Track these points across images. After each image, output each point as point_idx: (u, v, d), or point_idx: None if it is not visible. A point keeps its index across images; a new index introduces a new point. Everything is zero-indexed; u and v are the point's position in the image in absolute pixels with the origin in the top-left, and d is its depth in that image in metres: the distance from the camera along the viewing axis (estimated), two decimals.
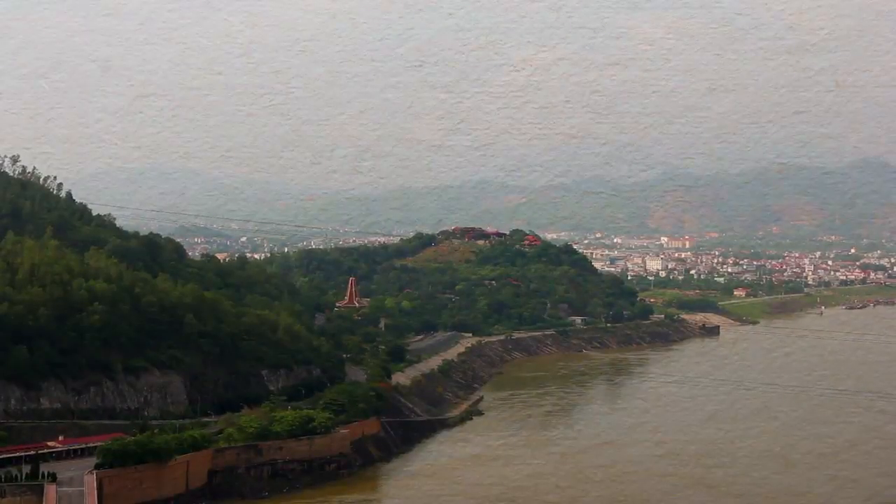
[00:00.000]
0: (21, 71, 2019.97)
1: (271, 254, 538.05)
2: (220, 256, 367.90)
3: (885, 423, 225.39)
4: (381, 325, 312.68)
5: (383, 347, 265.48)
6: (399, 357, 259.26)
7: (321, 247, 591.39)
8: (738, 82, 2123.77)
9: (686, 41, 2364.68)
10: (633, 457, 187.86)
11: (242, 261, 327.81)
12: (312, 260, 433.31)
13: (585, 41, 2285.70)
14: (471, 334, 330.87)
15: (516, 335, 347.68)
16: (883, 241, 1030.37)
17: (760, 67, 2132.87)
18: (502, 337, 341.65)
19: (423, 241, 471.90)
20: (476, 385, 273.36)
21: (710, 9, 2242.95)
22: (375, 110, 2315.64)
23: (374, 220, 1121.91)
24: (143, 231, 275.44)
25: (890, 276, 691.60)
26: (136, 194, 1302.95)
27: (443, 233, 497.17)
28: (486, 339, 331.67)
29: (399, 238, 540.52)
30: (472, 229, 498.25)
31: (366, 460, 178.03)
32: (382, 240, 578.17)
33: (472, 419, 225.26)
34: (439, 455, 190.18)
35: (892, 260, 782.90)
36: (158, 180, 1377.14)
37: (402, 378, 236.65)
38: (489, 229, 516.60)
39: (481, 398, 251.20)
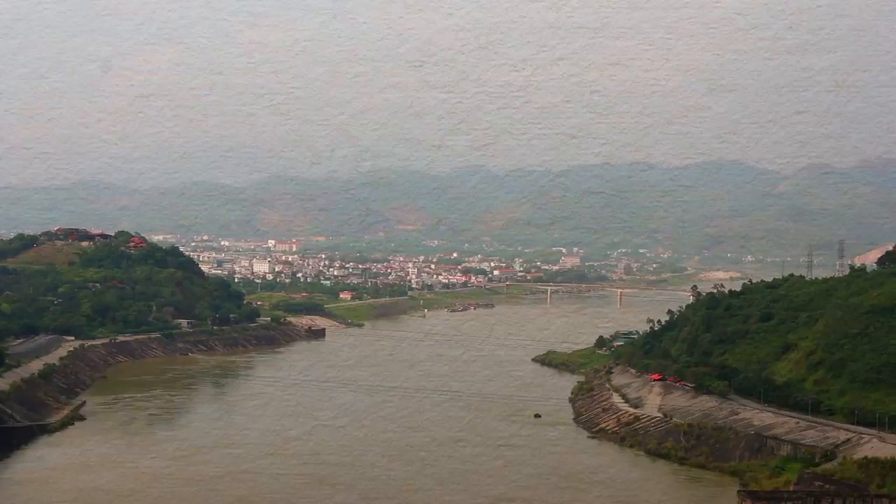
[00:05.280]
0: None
1: None
2: None
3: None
4: None
5: None
6: None
7: None
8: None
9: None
10: (243, 457, 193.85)
11: None
12: None
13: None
14: (73, 338, 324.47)
15: (121, 338, 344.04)
16: (484, 245, 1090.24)
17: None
18: (106, 340, 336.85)
19: (25, 243, 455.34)
20: (79, 389, 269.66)
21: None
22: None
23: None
24: None
25: (490, 280, 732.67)
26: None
27: (46, 234, 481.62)
28: (90, 342, 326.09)
29: None
30: (77, 230, 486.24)
31: None
32: None
33: (74, 424, 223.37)
34: (40, 461, 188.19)
35: (492, 264, 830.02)
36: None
37: (0, 383, 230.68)
38: (94, 230, 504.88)
39: (84, 403, 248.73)
